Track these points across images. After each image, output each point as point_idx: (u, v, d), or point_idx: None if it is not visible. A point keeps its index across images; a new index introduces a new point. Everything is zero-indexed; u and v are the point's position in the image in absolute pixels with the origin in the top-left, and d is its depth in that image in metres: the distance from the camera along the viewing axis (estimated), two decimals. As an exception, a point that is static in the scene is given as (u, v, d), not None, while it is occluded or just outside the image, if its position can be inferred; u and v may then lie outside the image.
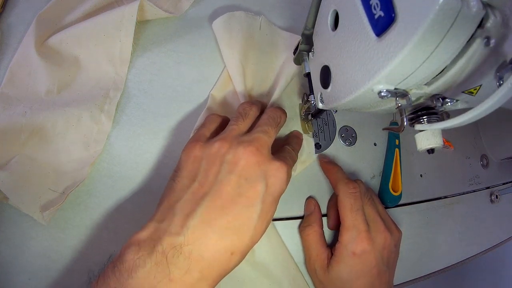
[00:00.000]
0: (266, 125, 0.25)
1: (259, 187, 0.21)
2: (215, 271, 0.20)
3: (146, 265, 0.18)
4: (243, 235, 0.21)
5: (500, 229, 0.43)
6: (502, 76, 0.17)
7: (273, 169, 0.22)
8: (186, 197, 0.21)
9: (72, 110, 0.29)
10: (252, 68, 0.33)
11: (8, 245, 0.27)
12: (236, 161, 0.22)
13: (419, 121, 0.23)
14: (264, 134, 0.24)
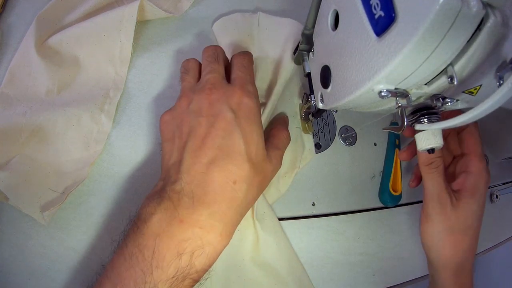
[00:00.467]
0: (209, 64, 0.26)
1: (227, 115, 0.22)
2: (223, 203, 0.20)
3: (157, 213, 0.20)
4: (237, 160, 0.21)
5: (500, 229, 0.43)
6: (502, 76, 0.17)
7: (233, 96, 0.23)
8: (174, 154, 0.23)
9: (72, 110, 0.29)
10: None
11: (8, 245, 0.27)
12: (200, 107, 0.23)
13: (419, 121, 0.23)
14: (211, 73, 0.25)
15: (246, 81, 0.25)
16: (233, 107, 0.22)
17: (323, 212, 0.34)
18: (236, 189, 0.20)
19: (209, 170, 0.20)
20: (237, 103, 0.23)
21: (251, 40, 0.35)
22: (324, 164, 0.36)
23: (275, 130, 0.28)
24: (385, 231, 0.36)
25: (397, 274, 0.35)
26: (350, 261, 0.34)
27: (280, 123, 0.30)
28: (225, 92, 0.23)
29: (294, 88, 0.36)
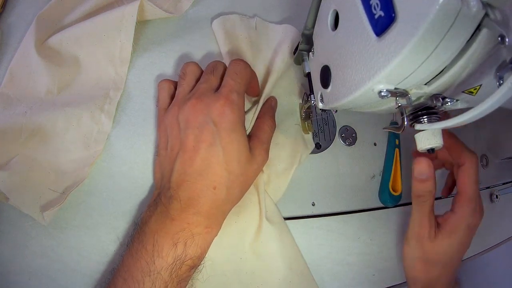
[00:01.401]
0: (204, 76, 0.28)
1: (209, 128, 0.24)
2: (206, 204, 0.24)
3: (154, 215, 0.24)
4: (216, 170, 0.24)
5: (500, 229, 0.43)
6: (502, 75, 0.17)
7: (215, 106, 0.25)
8: (166, 162, 0.26)
9: (72, 110, 0.29)
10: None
11: (8, 245, 0.27)
12: (186, 117, 0.25)
13: (419, 121, 0.23)
14: (202, 83, 0.27)
15: (233, 89, 0.26)
16: (215, 118, 0.24)
17: (323, 212, 0.34)
18: (217, 193, 0.24)
19: (193, 179, 0.24)
20: (218, 114, 0.24)
21: (248, 43, 0.34)
22: (324, 164, 0.36)
23: (259, 121, 0.29)
24: (385, 231, 0.36)
25: (397, 274, 0.35)
26: (350, 261, 0.34)
27: (264, 112, 0.31)
28: (209, 103, 0.25)
29: (293, 87, 0.36)
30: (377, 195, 0.36)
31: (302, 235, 0.33)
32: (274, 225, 0.30)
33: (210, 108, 0.25)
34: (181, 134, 0.25)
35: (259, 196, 0.30)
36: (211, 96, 0.25)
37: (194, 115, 0.25)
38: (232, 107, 0.25)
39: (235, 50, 0.34)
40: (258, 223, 0.29)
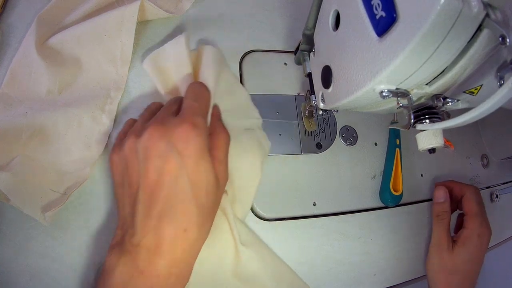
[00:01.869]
0: (166, 105, 0.25)
1: (172, 157, 0.21)
2: (177, 251, 0.21)
3: (119, 265, 0.21)
4: (185, 209, 0.21)
5: (500, 229, 0.43)
6: (503, 76, 0.17)
7: (177, 132, 0.21)
8: (127, 203, 0.23)
9: (73, 111, 0.29)
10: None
11: (9, 245, 0.27)
12: (145, 146, 0.21)
13: (421, 121, 0.23)
14: (162, 111, 0.24)
15: (195, 111, 0.23)
16: (178, 145, 0.21)
17: (323, 212, 0.34)
18: (188, 235, 0.21)
19: (160, 223, 0.21)
20: (182, 140, 0.21)
21: (181, 72, 0.28)
22: (324, 164, 0.36)
23: (212, 138, 0.25)
24: (386, 231, 0.36)
25: (397, 274, 0.35)
26: (350, 261, 0.34)
27: (214, 126, 0.26)
28: (170, 128, 0.21)
29: (232, 86, 0.32)
30: (378, 195, 0.36)
31: (303, 235, 0.33)
32: (251, 247, 0.28)
33: (173, 134, 0.21)
34: (140, 166, 0.22)
35: (230, 222, 0.28)
36: (173, 120, 0.22)
37: (154, 143, 0.21)
38: (197, 132, 0.21)
39: (172, 86, 0.28)
40: (234, 250, 0.28)
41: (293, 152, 0.35)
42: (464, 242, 0.33)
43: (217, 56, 0.28)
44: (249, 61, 0.37)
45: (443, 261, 0.33)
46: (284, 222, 0.33)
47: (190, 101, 0.23)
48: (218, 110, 0.28)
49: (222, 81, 0.29)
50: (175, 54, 0.27)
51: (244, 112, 0.32)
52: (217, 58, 0.28)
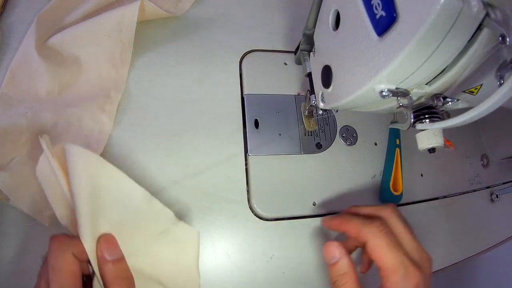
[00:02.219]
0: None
1: None
2: None
3: None
4: None
5: (500, 229, 0.43)
6: (503, 75, 0.17)
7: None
8: None
9: (73, 111, 0.29)
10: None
11: (9, 245, 0.27)
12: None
13: (421, 120, 0.23)
14: None
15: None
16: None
17: (323, 212, 0.34)
18: None
19: None
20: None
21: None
22: (324, 164, 0.36)
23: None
24: (386, 231, 0.36)
25: (398, 274, 0.35)
26: (350, 261, 0.34)
27: (105, 274, 0.21)
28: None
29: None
30: (378, 195, 0.36)
31: (303, 235, 0.33)
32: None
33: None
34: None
35: None
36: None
37: None
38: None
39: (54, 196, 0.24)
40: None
41: (293, 152, 0.35)
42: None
43: (84, 159, 0.21)
44: (249, 61, 0.37)
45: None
46: (283, 222, 0.33)
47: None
48: (105, 243, 0.22)
49: (105, 190, 0.22)
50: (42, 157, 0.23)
51: (146, 215, 0.24)
52: (83, 162, 0.21)
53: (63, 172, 0.22)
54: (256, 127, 0.35)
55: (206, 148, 0.33)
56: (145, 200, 0.24)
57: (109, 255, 0.21)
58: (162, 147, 0.32)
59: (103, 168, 0.22)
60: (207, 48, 0.36)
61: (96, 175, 0.21)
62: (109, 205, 0.22)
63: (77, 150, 0.21)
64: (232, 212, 0.32)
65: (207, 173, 0.32)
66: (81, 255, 0.21)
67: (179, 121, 0.33)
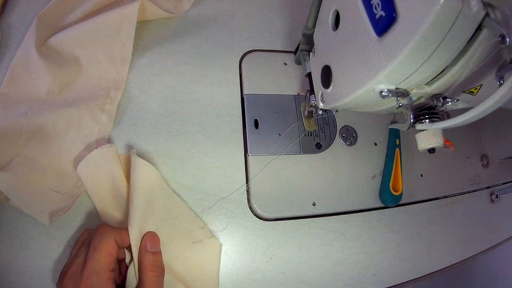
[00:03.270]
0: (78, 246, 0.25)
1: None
2: None
3: None
4: None
5: (500, 229, 0.43)
6: (503, 75, 0.17)
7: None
8: None
9: (73, 110, 0.29)
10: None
11: (9, 245, 0.27)
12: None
13: (420, 120, 0.23)
14: (76, 259, 0.24)
15: (92, 270, 0.23)
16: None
17: (323, 212, 0.34)
18: None
19: None
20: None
21: (112, 179, 0.28)
22: (324, 164, 0.36)
23: (141, 278, 0.24)
24: (385, 231, 0.36)
25: (397, 274, 0.35)
26: (350, 261, 0.34)
27: (142, 261, 0.25)
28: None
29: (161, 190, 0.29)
30: (378, 195, 0.36)
31: (303, 235, 0.33)
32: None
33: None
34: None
35: None
36: (77, 278, 0.22)
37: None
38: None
39: (101, 194, 0.28)
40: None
41: (293, 152, 0.35)
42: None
43: (147, 172, 0.28)
44: (249, 61, 0.37)
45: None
46: (283, 222, 0.33)
47: (89, 256, 0.23)
48: (151, 238, 0.26)
49: (157, 198, 0.28)
50: (105, 162, 0.28)
51: (186, 226, 0.29)
52: (146, 174, 0.27)
53: (124, 177, 0.28)
54: (256, 127, 0.35)
55: (206, 148, 0.33)
56: (187, 211, 0.30)
57: (150, 247, 0.26)
58: (162, 147, 0.32)
59: (160, 182, 0.29)
60: (207, 48, 0.36)
61: (153, 187, 0.28)
62: (158, 211, 0.28)
63: (142, 163, 0.27)
64: (232, 212, 0.32)
65: (207, 173, 0.32)
66: (121, 241, 0.25)
67: (179, 121, 0.33)
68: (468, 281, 0.79)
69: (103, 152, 0.27)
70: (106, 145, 0.28)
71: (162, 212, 0.28)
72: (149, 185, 0.27)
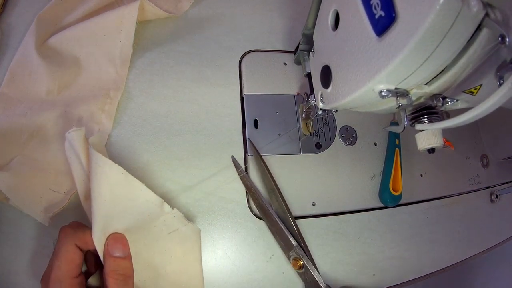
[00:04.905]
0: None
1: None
2: None
3: None
4: None
5: (500, 229, 0.43)
6: (503, 75, 0.17)
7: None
8: None
9: (72, 110, 0.29)
10: None
11: (9, 245, 0.27)
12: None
13: (420, 120, 0.23)
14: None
15: (55, 277, 0.22)
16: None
17: (323, 212, 0.34)
18: None
19: None
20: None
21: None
22: (324, 164, 0.36)
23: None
24: (385, 231, 0.36)
25: (397, 274, 0.35)
26: (350, 261, 0.34)
27: (107, 267, 0.23)
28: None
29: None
30: (377, 195, 0.36)
31: (303, 235, 0.33)
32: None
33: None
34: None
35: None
36: (46, 282, 0.22)
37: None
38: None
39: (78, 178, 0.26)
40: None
41: (293, 152, 0.35)
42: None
43: (106, 170, 0.24)
44: (249, 61, 0.37)
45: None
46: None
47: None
48: (113, 241, 0.24)
49: (122, 196, 0.24)
50: (73, 147, 0.25)
51: (158, 218, 0.27)
52: (105, 172, 0.24)
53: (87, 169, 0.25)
54: (255, 127, 0.35)
55: (206, 148, 0.33)
56: (157, 206, 0.26)
57: (112, 251, 0.24)
58: (161, 147, 0.32)
59: (122, 178, 0.24)
60: (207, 48, 0.36)
61: (115, 185, 0.24)
62: (125, 212, 0.25)
63: (100, 160, 0.24)
64: (232, 212, 0.32)
65: (206, 173, 0.32)
66: (84, 245, 0.23)
67: (179, 121, 0.33)
68: (468, 281, 0.79)
69: (70, 136, 0.25)
70: (73, 128, 0.25)
71: (130, 212, 0.25)
72: (111, 185, 0.24)
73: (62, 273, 0.22)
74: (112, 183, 0.24)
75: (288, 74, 0.38)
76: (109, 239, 0.24)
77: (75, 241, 0.23)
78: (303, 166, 0.35)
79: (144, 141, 0.31)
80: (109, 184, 0.24)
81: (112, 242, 0.24)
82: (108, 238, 0.24)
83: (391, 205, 0.36)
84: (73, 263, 0.22)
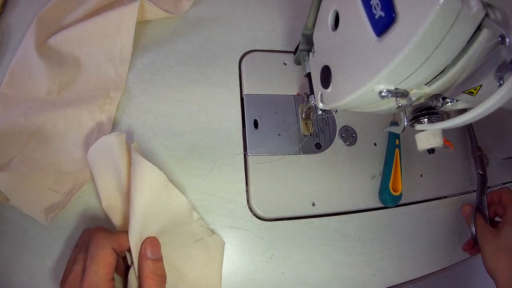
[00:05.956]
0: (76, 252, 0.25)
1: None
2: None
3: None
4: None
5: (500, 229, 0.43)
6: (503, 76, 0.17)
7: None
8: None
9: (72, 111, 0.29)
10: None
11: (9, 245, 0.27)
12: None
13: (420, 121, 0.23)
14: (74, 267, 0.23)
15: (92, 282, 0.22)
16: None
17: (323, 212, 0.34)
18: None
19: None
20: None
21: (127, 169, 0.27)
22: (324, 164, 0.36)
23: (142, 284, 0.24)
24: (385, 231, 0.36)
25: (397, 274, 0.35)
26: (350, 261, 0.34)
27: (141, 267, 0.25)
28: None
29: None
30: (377, 195, 0.36)
31: (302, 235, 0.33)
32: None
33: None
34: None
35: None
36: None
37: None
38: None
39: (107, 182, 0.28)
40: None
41: (293, 152, 0.35)
42: (507, 222, 0.33)
43: (149, 174, 0.25)
44: (249, 61, 0.37)
45: (492, 244, 0.33)
46: (283, 222, 0.33)
47: (86, 268, 0.23)
48: (151, 243, 0.26)
49: (161, 201, 0.26)
50: (113, 150, 0.26)
51: (186, 224, 0.29)
52: (148, 176, 0.25)
53: (127, 175, 0.27)
54: (255, 127, 0.35)
55: (206, 148, 0.33)
56: (187, 211, 0.29)
57: (150, 254, 0.25)
58: (161, 147, 0.32)
59: (163, 183, 0.26)
60: (207, 48, 0.36)
61: (156, 189, 0.26)
62: (160, 215, 0.27)
63: (144, 164, 0.25)
64: (231, 212, 0.32)
65: (206, 173, 0.32)
66: (119, 248, 0.24)
67: (179, 121, 0.33)
68: (468, 281, 0.79)
69: (112, 139, 0.26)
70: (116, 133, 0.26)
71: (165, 215, 0.27)
72: (152, 188, 0.26)
73: (99, 276, 0.22)
74: (153, 187, 0.26)
75: (288, 74, 0.38)
76: (146, 242, 0.25)
77: (112, 245, 0.24)
78: (303, 166, 0.35)
79: (144, 141, 0.31)
80: (150, 188, 0.25)
81: (149, 246, 0.25)
82: (145, 241, 0.25)
83: (391, 205, 0.36)
84: (110, 266, 0.23)
